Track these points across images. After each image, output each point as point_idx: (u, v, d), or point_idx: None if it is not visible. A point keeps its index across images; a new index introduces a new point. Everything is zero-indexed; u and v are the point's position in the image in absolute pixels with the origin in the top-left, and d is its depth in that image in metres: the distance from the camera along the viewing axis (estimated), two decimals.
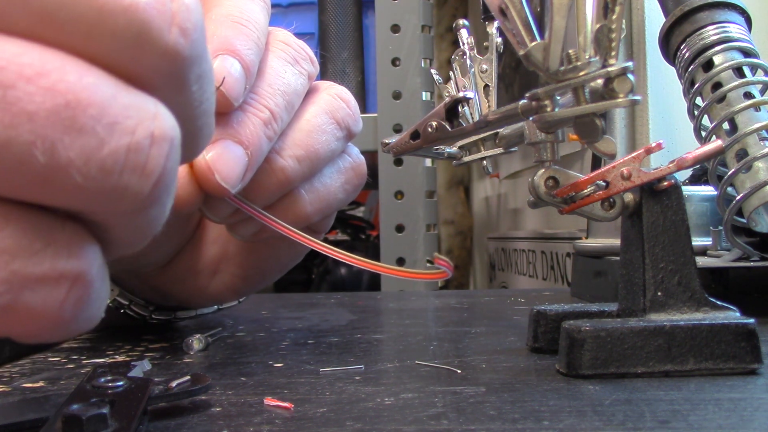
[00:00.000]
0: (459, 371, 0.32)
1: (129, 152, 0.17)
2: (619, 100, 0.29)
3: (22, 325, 0.17)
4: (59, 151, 0.16)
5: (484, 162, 0.42)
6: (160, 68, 0.17)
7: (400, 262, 0.99)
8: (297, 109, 0.36)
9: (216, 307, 0.49)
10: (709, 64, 0.46)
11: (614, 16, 0.28)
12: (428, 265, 1.02)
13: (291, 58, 0.36)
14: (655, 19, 0.61)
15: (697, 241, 0.49)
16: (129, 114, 0.17)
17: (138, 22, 0.16)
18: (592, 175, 0.32)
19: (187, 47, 0.17)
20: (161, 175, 0.17)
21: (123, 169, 0.17)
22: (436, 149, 0.39)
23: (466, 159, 0.42)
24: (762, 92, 0.45)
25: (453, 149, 0.41)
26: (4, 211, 0.16)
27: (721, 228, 0.47)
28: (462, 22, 0.41)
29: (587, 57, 0.29)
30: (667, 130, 0.62)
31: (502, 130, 0.39)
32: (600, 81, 0.29)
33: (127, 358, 0.38)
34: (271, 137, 0.33)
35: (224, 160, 0.31)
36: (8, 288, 0.16)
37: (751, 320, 0.30)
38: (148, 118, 0.17)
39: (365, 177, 0.40)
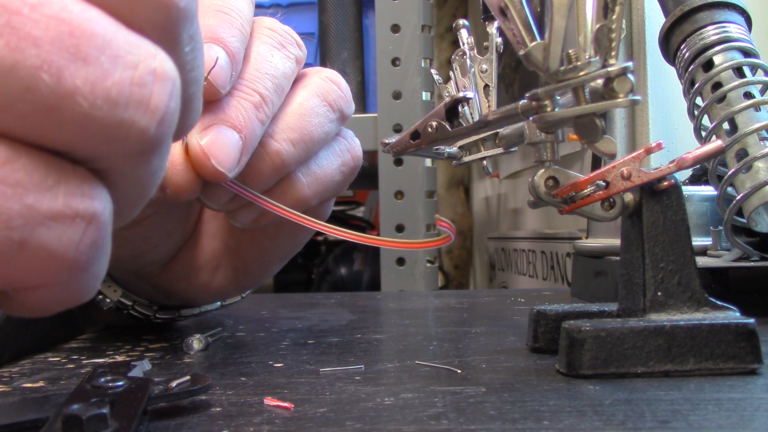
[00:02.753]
0: (459, 371, 0.32)
1: (133, 85, 0.17)
2: (619, 100, 0.29)
3: (37, 268, 0.17)
4: (65, 77, 0.16)
5: (484, 162, 0.42)
6: (156, 19, 0.18)
7: (400, 261, 0.99)
8: (288, 93, 0.36)
9: (219, 303, 0.49)
10: (709, 64, 0.46)
11: (614, 16, 0.28)
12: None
13: (277, 43, 0.36)
14: (655, 19, 0.61)
15: (697, 241, 0.49)
16: (131, 50, 0.17)
17: None
18: (592, 175, 0.32)
19: (181, 0, 0.18)
20: (165, 114, 0.18)
21: (128, 102, 0.17)
22: (436, 149, 0.39)
23: (466, 159, 0.42)
24: (762, 92, 0.45)
25: (453, 149, 0.41)
26: (14, 145, 0.17)
27: (721, 228, 0.47)
28: (462, 22, 0.41)
29: (587, 57, 0.29)
30: (667, 130, 0.62)
31: (502, 130, 0.39)
32: (600, 81, 0.29)
33: (127, 358, 0.38)
34: (263, 120, 0.33)
35: (219, 144, 0.31)
36: (24, 222, 0.17)
37: (751, 320, 0.30)
38: (149, 56, 0.17)
39: (361, 159, 0.40)
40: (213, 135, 0.31)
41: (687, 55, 0.48)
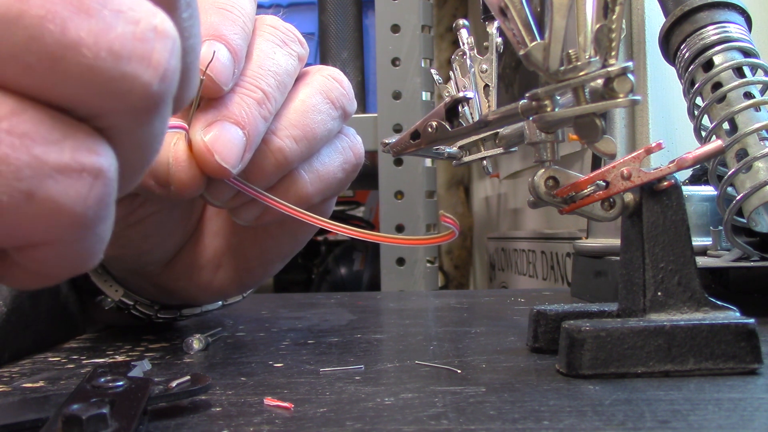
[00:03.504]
0: (459, 371, 0.32)
1: (135, 40, 0.17)
2: (619, 100, 0.29)
3: (44, 221, 0.17)
4: (70, 28, 0.16)
5: (484, 162, 0.42)
6: None
7: (400, 261, 0.99)
8: (290, 90, 0.36)
9: (221, 303, 0.49)
10: (709, 64, 0.46)
11: (614, 16, 0.28)
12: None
13: (279, 41, 0.36)
14: (655, 19, 0.61)
15: (697, 241, 0.49)
16: (132, 6, 0.17)
17: None
18: (592, 175, 0.32)
19: None
20: (166, 70, 0.18)
21: (131, 56, 0.17)
22: (436, 149, 0.39)
23: (466, 159, 0.42)
24: (762, 92, 0.45)
25: (453, 149, 0.41)
26: (21, 98, 0.17)
27: (721, 228, 0.47)
28: (462, 22, 0.41)
29: (587, 57, 0.29)
30: (667, 130, 0.62)
31: (502, 130, 0.39)
32: (600, 81, 0.29)
33: (127, 358, 0.38)
34: (266, 117, 0.33)
35: (222, 140, 0.31)
36: (31, 173, 0.17)
37: (751, 320, 0.30)
38: (150, 13, 0.18)
39: (363, 157, 0.40)
40: (216, 131, 0.32)
41: (687, 55, 0.48)
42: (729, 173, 0.44)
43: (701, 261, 0.47)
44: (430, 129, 0.35)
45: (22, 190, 0.17)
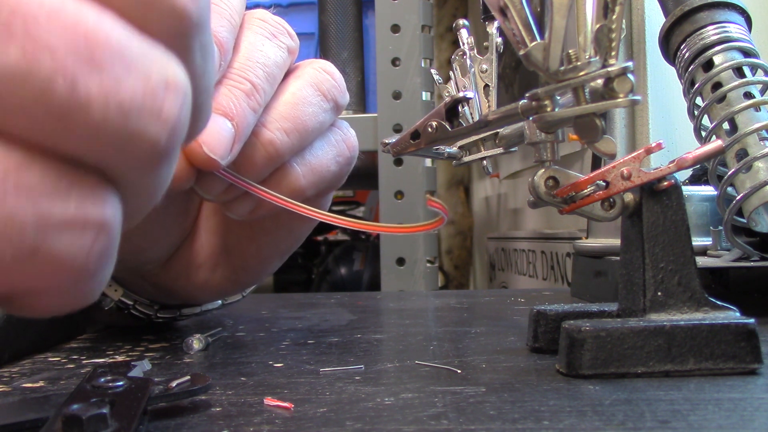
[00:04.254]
0: (459, 371, 0.32)
1: (146, 95, 0.17)
2: (619, 100, 0.29)
3: (47, 275, 0.17)
4: (80, 86, 0.16)
5: (484, 162, 0.42)
6: (169, 26, 0.18)
7: (400, 261, 0.99)
8: (281, 83, 0.36)
9: (220, 302, 0.49)
10: (709, 64, 0.46)
11: (614, 16, 0.28)
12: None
13: (268, 33, 0.36)
14: (655, 19, 0.61)
15: (697, 241, 0.49)
16: (144, 59, 0.17)
17: None
18: (592, 175, 0.32)
19: (194, 9, 0.18)
20: (176, 124, 0.18)
21: (141, 112, 0.17)
22: (436, 149, 0.39)
23: (466, 159, 0.42)
24: (762, 92, 0.45)
25: (453, 149, 0.41)
26: (28, 151, 0.17)
27: (721, 228, 0.47)
28: (462, 22, 0.41)
29: (587, 57, 0.29)
30: (667, 130, 0.62)
31: (502, 130, 0.39)
32: (600, 81, 0.29)
33: (127, 358, 0.38)
34: (255, 108, 0.33)
35: (210, 132, 0.31)
36: (36, 229, 0.16)
37: (751, 320, 0.30)
38: (162, 66, 0.18)
39: (357, 150, 0.40)
40: None
41: (687, 55, 0.48)
42: (729, 173, 0.44)
43: (701, 261, 0.47)
44: (430, 129, 0.35)
45: (25, 247, 0.17)
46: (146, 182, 0.19)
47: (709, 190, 0.50)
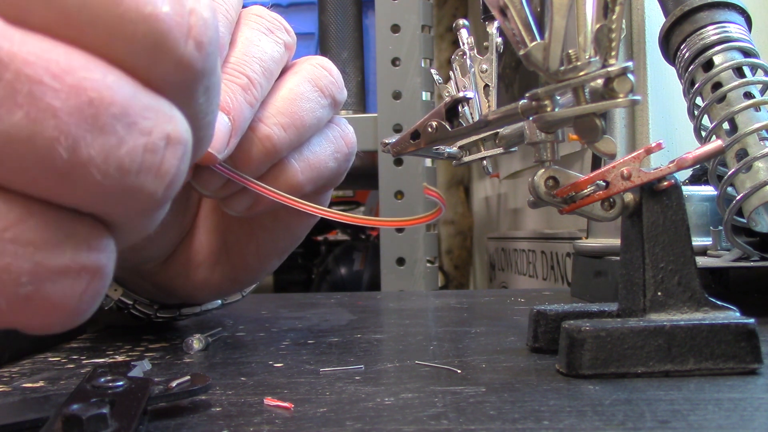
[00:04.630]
0: (459, 371, 0.32)
1: (146, 152, 0.17)
2: (619, 100, 0.29)
3: (39, 317, 0.18)
4: (81, 148, 0.16)
5: (484, 162, 0.42)
6: (173, 77, 0.18)
7: (400, 261, 0.99)
8: (278, 79, 0.36)
9: (220, 302, 0.49)
10: (709, 64, 0.46)
11: (614, 16, 0.28)
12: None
13: (265, 29, 0.36)
14: (655, 19, 0.61)
15: (697, 241, 0.49)
16: (147, 115, 0.17)
17: (156, 32, 0.17)
18: (592, 175, 0.32)
19: (200, 60, 0.18)
20: (174, 177, 0.18)
21: (140, 169, 0.17)
22: (436, 149, 0.39)
23: (466, 159, 0.42)
24: (762, 92, 0.45)
25: (453, 149, 0.41)
26: (26, 204, 0.17)
27: (721, 228, 0.47)
28: (462, 22, 0.41)
29: (587, 57, 0.29)
30: (667, 130, 0.62)
31: (502, 130, 0.39)
32: (600, 81, 0.29)
33: (127, 358, 0.38)
34: (252, 103, 0.33)
35: None
36: (32, 279, 0.17)
37: (751, 320, 0.30)
38: (164, 120, 0.18)
39: (355, 146, 0.40)
40: None
41: (687, 55, 0.48)
42: (729, 173, 0.44)
43: (701, 261, 0.47)
44: (430, 129, 0.35)
45: (20, 295, 0.17)
46: (142, 225, 0.19)
47: (709, 190, 0.50)
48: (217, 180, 0.34)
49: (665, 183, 0.32)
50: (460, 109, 0.35)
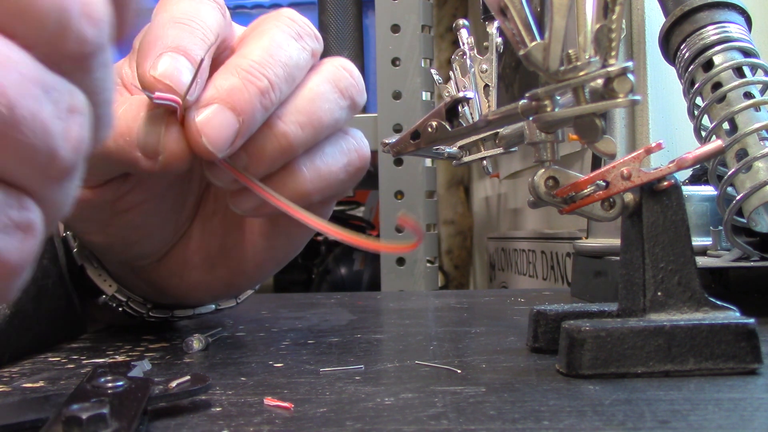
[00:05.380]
0: (459, 371, 0.32)
1: (57, 118, 0.19)
2: (619, 100, 0.29)
3: None
4: (15, 107, 0.18)
5: (484, 162, 0.42)
6: (72, 52, 0.20)
7: (400, 261, 0.99)
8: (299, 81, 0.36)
9: (214, 306, 0.49)
10: (709, 64, 0.46)
11: (614, 16, 0.28)
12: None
13: (295, 33, 0.36)
14: (655, 19, 0.61)
15: (697, 241, 0.49)
16: (54, 86, 0.19)
17: (59, 10, 0.19)
18: (592, 175, 0.32)
19: (96, 36, 0.20)
20: (79, 143, 0.20)
21: (56, 133, 0.19)
22: (436, 149, 0.39)
23: (466, 159, 0.42)
24: (762, 92, 0.45)
25: (453, 149, 0.41)
26: None
27: (721, 228, 0.47)
28: (462, 22, 0.41)
29: (587, 57, 0.29)
30: (667, 130, 0.62)
31: (502, 130, 0.39)
32: (600, 81, 0.29)
33: (127, 358, 0.38)
34: (268, 106, 0.33)
35: (213, 124, 0.32)
36: None
37: (751, 320, 0.30)
38: (67, 93, 0.20)
39: (368, 161, 0.40)
40: (210, 114, 0.32)
41: (687, 55, 0.48)
42: (729, 173, 0.44)
43: (701, 261, 0.47)
44: (430, 129, 0.35)
45: None
46: (57, 194, 0.21)
47: (709, 190, 0.50)
48: (227, 174, 0.34)
49: (665, 183, 0.32)
50: (460, 109, 0.35)
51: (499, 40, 0.40)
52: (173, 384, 0.26)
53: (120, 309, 0.45)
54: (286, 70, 0.34)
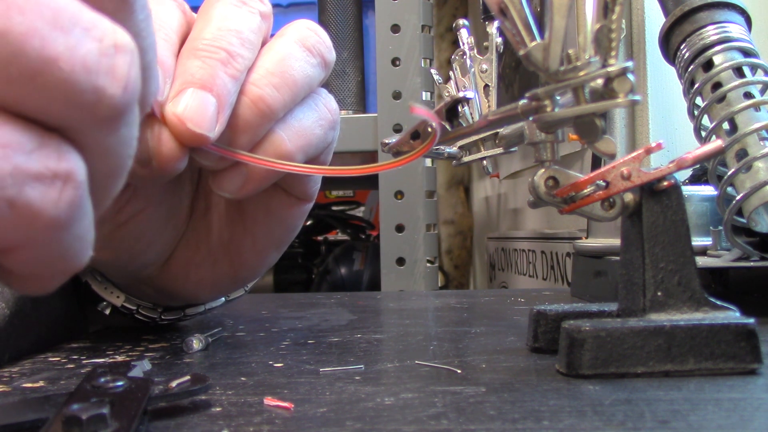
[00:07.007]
0: (459, 371, 0.32)
1: (101, 55, 0.19)
2: (619, 100, 0.29)
3: (22, 227, 0.19)
4: (49, 44, 0.18)
5: (484, 162, 0.42)
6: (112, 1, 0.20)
7: (400, 261, 0.99)
8: (263, 45, 0.36)
9: (224, 299, 0.49)
10: (709, 64, 0.46)
11: (614, 16, 0.28)
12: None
13: (237, 1, 0.36)
14: (655, 19, 0.61)
15: (697, 241, 0.49)
16: (95, 24, 0.19)
17: None
18: (592, 175, 0.32)
19: None
20: (128, 81, 0.20)
21: (99, 70, 0.19)
22: (436, 149, 0.39)
23: (466, 159, 0.42)
24: (762, 92, 0.45)
25: (453, 149, 0.41)
26: (1, 112, 0.19)
27: (721, 228, 0.47)
28: (462, 22, 0.41)
29: (587, 57, 0.29)
30: (667, 130, 0.62)
31: (502, 130, 0.39)
32: (600, 81, 0.29)
33: (127, 358, 0.38)
34: (235, 75, 0.33)
35: (192, 107, 0.32)
36: (13, 181, 0.18)
37: (751, 320, 0.30)
38: (110, 30, 0.20)
39: (338, 114, 0.40)
40: (184, 99, 0.32)
41: (687, 55, 0.48)
42: (729, 173, 0.44)
43: (701, 261, 0.47)
44: (430, 129, 0.35)
45: (5, 198, 0.18)
46: (108, 141, 0.21)
47: (709, 190, 0.50)
48: (214, 152, 0.34)
49: (665, 183, 0.32)
50: (460, 109, 0.35)
51: (499, 40, 0.40)
52: (173, 384, 0.26)
53: (130, 317, 0.45)
54: (239, 36, 0.34)
